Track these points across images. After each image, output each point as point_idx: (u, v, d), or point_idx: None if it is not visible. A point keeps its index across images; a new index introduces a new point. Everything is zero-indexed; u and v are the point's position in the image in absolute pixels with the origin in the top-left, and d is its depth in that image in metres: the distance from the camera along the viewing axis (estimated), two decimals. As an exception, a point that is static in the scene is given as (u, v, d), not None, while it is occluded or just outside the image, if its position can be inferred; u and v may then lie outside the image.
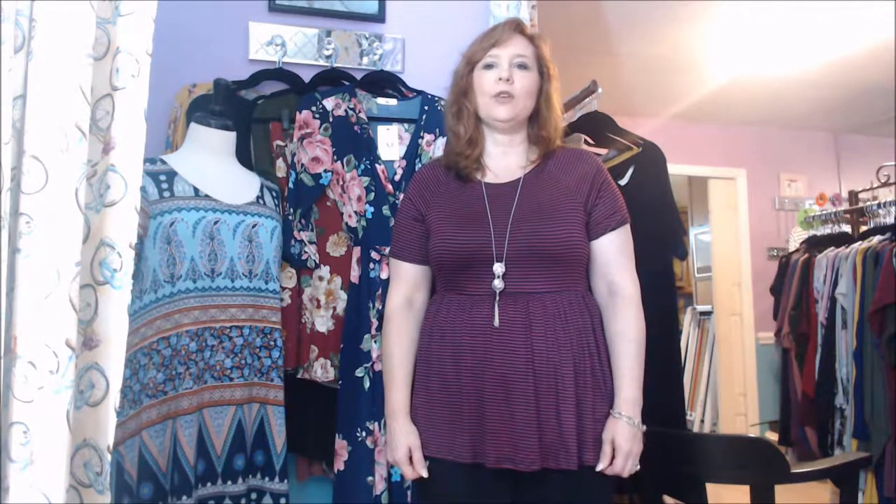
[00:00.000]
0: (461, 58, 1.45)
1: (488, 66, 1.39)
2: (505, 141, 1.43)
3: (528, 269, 1.30)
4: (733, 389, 4.86)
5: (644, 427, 1.30)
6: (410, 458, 1.33)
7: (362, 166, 1.74)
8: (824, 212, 3.88)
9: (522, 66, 1.39)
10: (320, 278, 1.72)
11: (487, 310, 1.29)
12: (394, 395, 1.38)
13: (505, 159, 1.43)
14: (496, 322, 1.28)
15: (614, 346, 1.34)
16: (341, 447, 1.65)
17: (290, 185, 1.70)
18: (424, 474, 1.32)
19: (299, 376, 1.69)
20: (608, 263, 1.37)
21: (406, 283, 1.44)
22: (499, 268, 1.29)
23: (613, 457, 1.27)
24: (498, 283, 1.29)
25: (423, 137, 1.80)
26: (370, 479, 1.62)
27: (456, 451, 1.28)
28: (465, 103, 1.42)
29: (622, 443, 1.26)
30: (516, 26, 1.42)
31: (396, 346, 1.41)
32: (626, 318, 1.34)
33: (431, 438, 1.32)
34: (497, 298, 1.29)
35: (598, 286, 1.38)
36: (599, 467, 1.26)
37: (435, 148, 1.79)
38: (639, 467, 1.29)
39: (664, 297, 1.80)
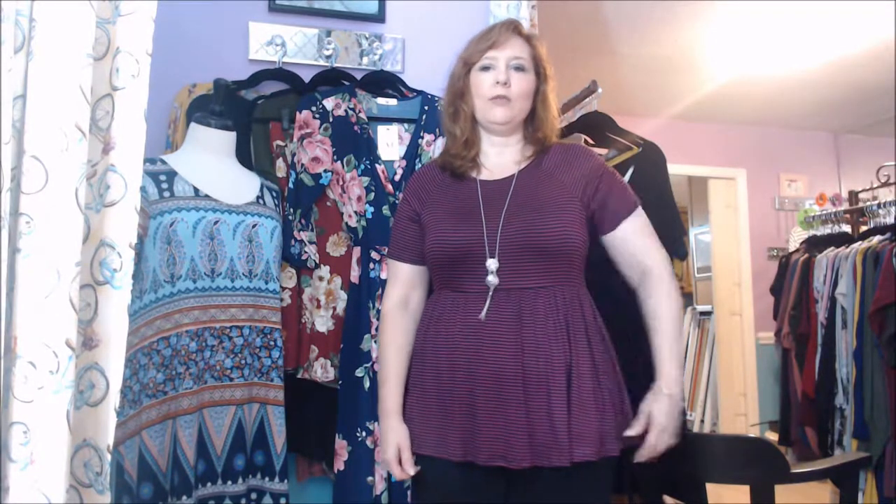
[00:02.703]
0: (457, 59, 1.44)
1: (485, 69, 1.39)
2: (501, 141, 1.44)
3: (521, 264, 1.30)
4: (733, 389, 4.86)
5: (684, 403, 1.30)
6: (400, 459, 1.33)
7: (362, 166, 1.74)
8: (824, 212, 3.88)
9: (519, 69, 1.38)
10: (320, 278, 1.72)
11: (480, 306, 1.29)
12: (387, 396, 1.38)
13: (500, 157, 1.43)
14: (482, 316, 1.27)
15: (650, 324, 1.34)
16: (341, 447, 1.65)
17: (290, 185, 1.70)
18: (412, 472, 1.32)
19: (299, 376, 1.69)
20: (634, 251, 1.37)
21: (402, 283, 1.44)
22: (492, 263, 1.29)
23: (647, 431, 1.26)
24: (492, 279, 1.29)
25: (423, 137, 1.80)
26: (370, 479, 1.63)
27: (448, 448, 1.28)
28: (461, 105, 1.42)
29: (659, 417, 1.25)
30: (513, 27, 1.41)
31: (391, 346, 1.41)
32: (658, 296, 1.34)
33: (425, 436, 1.32)
34: (490, 294, 1.29)
35: (631, 275, 1.38)
36: (629, 433, 1.26)
37: (435, 148, 1.79)
38: (674, 441, 1.27)
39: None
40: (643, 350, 1.36)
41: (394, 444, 1.33)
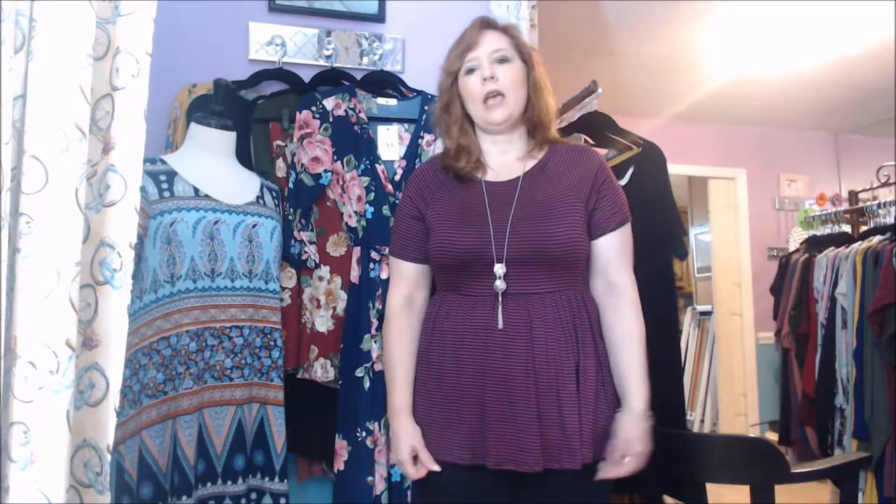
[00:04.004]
0: (441, 72, 1.43)
1: (470, 71, 1.38)
2: (503, 139, 1.42)
3: (528, 269, 1.30)
4: (733, 389, 4.86)
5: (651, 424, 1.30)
6: (415, 458, 1.32)
7: (362, 166, 1.74)
8: (824, 212, 3.88)
9: (503, 60, 1.37)
10: (320, 278, 1.72)
11: (489, 310, 1.29)
12: (396, 395, 1.37)
13: (504, 157, 1.42)
14: (500, 324, 1.27)
15: (619, 346, 1.33)
16: (341, 447, 1.65)
17: (290, 185, 1.70)
18: (435, 468, 1.30)
19: (299, 376, 1.69)
20: (608, 263, 1.37)
21: (406, 283, 1.44)
22: (500, 269, 1.29)
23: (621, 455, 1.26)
24: (500, 284, 1.28)
25: (423, 137, 1.80)
26: (370, 479, 1.62)
27: (456, 452, 1.28)
28: (445, 118, 1.41)
29: (637, 444, 1.26)
30: (484, 23, 1.40)
31: (397, 346, 1.40)
32: (630, 318, 1.34)
33: (431, 440, 1.32)
34: (500, 300, 1.28)
35: (597, 285, 1.38)
36: (605, 468, 1.26)
37: (435, 148, 1.79)
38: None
39: (664, 297, 1.80)
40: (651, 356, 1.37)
41: (407, 444, 1.32)
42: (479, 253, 1.30)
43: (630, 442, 1.26)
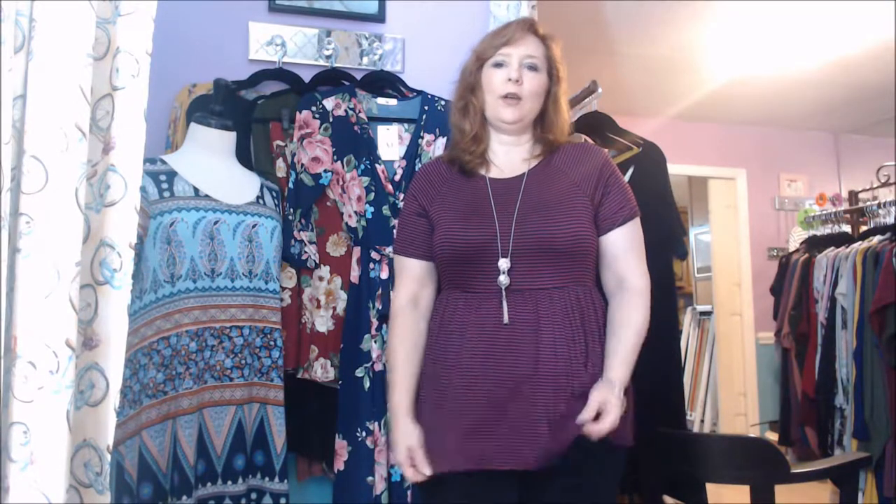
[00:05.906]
0: (471, 53, 1.43)
1: (498, 65, 1.38)
2: (510, 140, 1.43)
3: (534, 264, 1.29)
4: (733, 389, 4.86)
5: (625, 405, 1.26)
6: (413, 461, 1.31)
7: (362, 166, 1.74)
8: (824, 212, 3.88)
9: (532, 68, 1.38)
10: (320, 278, 1.72)
11: (495, 307, 1.28)
12: (395, 395, 1.36)
13: (508, 156, 1.42)
14: (506, 319, 1.26)
15: (612, 332, 1.30)
16: (341, 447, 1.65)
17: (290, 185, 1.70)
18: (427, 472, 1.28)
19: (299, 376, 1.69)
20: (618, 258, 1.36)
21: (411, 280, 1.43)
22: (504, 264, 1.28)
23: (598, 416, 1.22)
24: (503, 280, 1.28)
25: (423, 137, 1.80)
26: (370, 479, 1.62)
27: (464, 451, 1.26)
28: (471, 100, 1.41)
29: (612, 400, 1.21)
30: (529, 26, 1.41)
31: (400, 345, 1.39)
32: (631, 308, 1.32)
33: (437, 439, 1.30)
34: (504, 295, 1.28)
35: (608, 280, 1.37)
36: (583, 417, 1.20)
37: (435, 148, 1.79)
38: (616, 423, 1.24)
39: (664, 297, 1.80)
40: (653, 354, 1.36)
41: (403, 445, 1.31)
42: (485, 247, 1.30)
43: (605, 401, 1.21)
